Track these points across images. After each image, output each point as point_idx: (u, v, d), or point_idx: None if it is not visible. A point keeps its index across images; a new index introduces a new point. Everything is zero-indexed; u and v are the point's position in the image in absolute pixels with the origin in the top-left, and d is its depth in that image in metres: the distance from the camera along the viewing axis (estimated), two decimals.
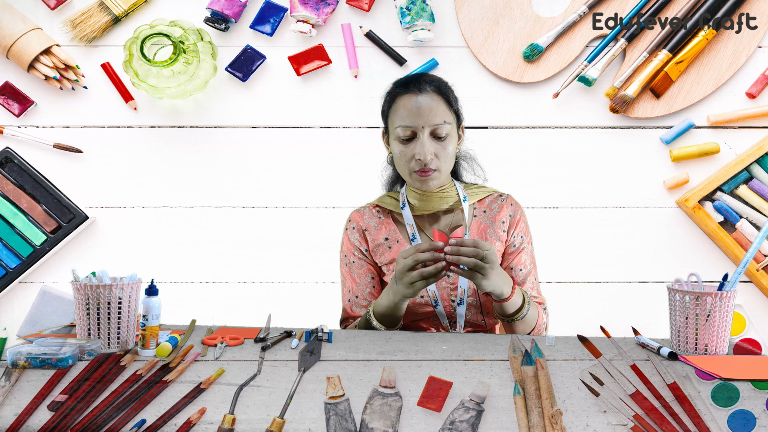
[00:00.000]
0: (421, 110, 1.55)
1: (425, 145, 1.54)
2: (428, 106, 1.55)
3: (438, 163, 1.57)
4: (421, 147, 1.55)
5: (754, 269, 2.17)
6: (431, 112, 1.55)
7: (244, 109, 2.26)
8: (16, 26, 2.15)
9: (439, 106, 1.56)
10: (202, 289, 2.28)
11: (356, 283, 1.69)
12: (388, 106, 1.62)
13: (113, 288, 1.34)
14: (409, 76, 1.64)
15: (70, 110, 2.25)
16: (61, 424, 1.13)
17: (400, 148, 1.58)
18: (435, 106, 1.56)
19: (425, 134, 1.55)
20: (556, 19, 2.22)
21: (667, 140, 2.22)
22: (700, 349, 1.33)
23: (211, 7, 2.20)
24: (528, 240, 1.69)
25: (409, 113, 1.55)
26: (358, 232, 1.70)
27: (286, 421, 1.13)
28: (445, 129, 1.56)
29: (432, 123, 1.55)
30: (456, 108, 1.62)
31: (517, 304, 1.53)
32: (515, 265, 1.67)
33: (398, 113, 1.58)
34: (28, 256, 2.20)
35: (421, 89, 1.57)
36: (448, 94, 1.60)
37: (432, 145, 1.55)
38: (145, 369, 1.24)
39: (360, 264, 1.69)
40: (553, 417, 1.12)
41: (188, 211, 2.28)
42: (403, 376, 1.22)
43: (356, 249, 1.70)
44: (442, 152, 1.57)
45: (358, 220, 1.72)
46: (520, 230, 1.68)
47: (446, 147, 1.57)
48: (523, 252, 1.67)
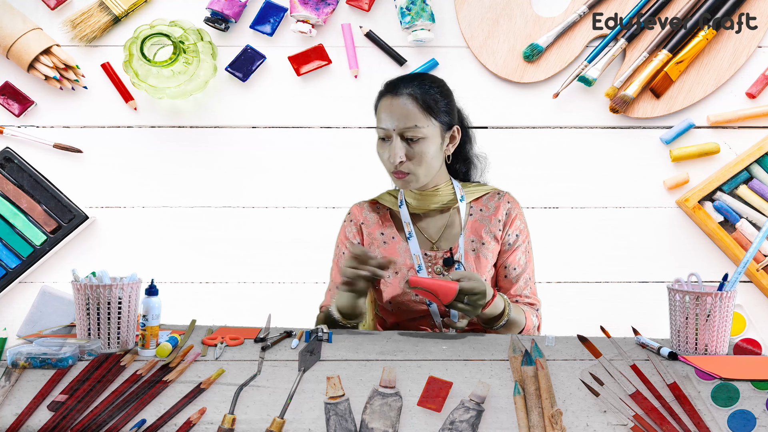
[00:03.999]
0: (392, 113, 1.58)
1: (395, 147, 1.57)
2: (399, 109, 1.57)
3: (411, 167, 1.58)
4: (391, 149, 1.58)
5: (754, 269, 2.17)
6: (402, 115, 1.57)
7: (244, 109, 2.26)
8: (16, 26, 2.15)
9: (412, 111, 1.57)
10: (202, 289, 2.28)
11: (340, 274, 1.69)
12: (375, 106, 1.66)
13: (113, 288, 1.34)
14: (396, 78, 1.66)
15: (70, 110, 2.25)
16: (61, 424, 1.13)
17: (379, 150, 1.62)
18: (408, 110, 1.57)
19: (396, 137, 1.57)
20: (556, 19, 2.22)
21: (667, 140, 2.22)
22: (700, 349, 1.33)
23: (211, 7, 2.20)
24: (524, 239, 1.68)
25: (385, 115, 1.59)
26: (355, 225, 1.72)
27: (286, 421, 1.13)
28: (417, 132, 1.56)
29: (401, 127, 1.57)
30: (440, 111, 1.60)
31: (494, 313, 1.51)
32: (509, 264, 1.66)
33: (379, 114, 1.62)
34: (28, 256, 2.20)
35: (398, 93, 1.59)
36: (426, 98, 1.58)
37: (403, 148, 1.57)
38: (145, 369, 1.24)
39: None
40: (553, 417, 1.12)
41: (188, 211, 2.28)
42: (403, 376, 1.22)
43: (349, 243, 1.72)
44: (416, 156, 1.57)
45: (357, 214, 1.74)
46: (516, 228, 1.67)
47: (421, 150, 1.57)
48: (517, 250, 1.66)
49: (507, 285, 1.66)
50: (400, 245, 1.66)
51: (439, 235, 1.66)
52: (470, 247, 1.64)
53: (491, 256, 1.65)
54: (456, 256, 1.62)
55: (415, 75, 1.68)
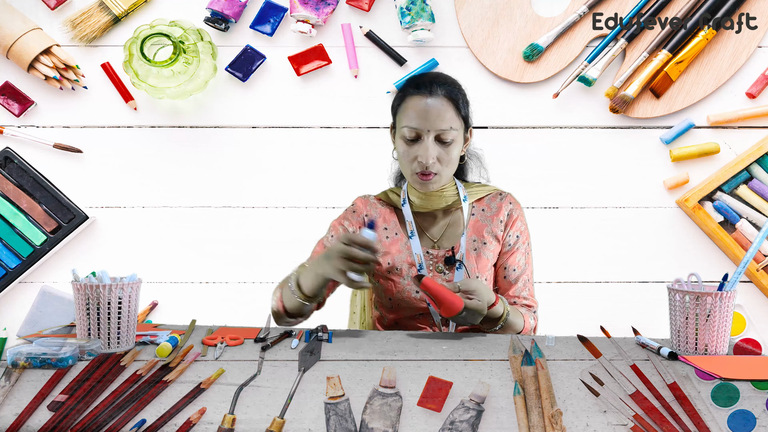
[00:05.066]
0: (428, 114, 1.53)
1: (429, 148, 1.54)
2: (436, 110, 1.54)
3: (439, 168, 1.56)
4: (424, 150, 1.54)
5: (754, 269, 2.17)
6: (438, 117, 1.53)
7: (244, 109, 2.26)
8: (16, 26, 2.15)
9: (448, 112, 1.54)
10: (202, 289, 2.28)
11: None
12: (398, 103, 1.61)
13: (113, 288, 1.33)
14: (424, 76, 1.61)
15: (70, 110, 2.25)
16: (61, 424, 1.13)
17: (404, 148, 1.58)
18: (443, 111, 1.54)
19: (430, 138, 1.54)
20: (556, 19, 2.22)
21: (667, 140, 2.22)
22: (700, 349, 1.33)
23: (211, 7, 2.20)
24: (524, 240, 1.68)
25: (417, 115, 1.54)
26: (358, 216, 1.70)
27: (286, 421, 1.13)
28: (451, 135, 1.55)
29: (438, 128, 1.54)
30: (465, 113, 1.60)
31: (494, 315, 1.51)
32: (508, 265, 1.66)
33: (406, 113, 1.56)
34: (28, 256, 2.20)
35: (432, 92, 1.55)
36: (459, 99, 1.57)
37: (435, 149, 1.55)
38: (145, 369, 1.24)
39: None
40: (553, 417, 1.12)
41: (188, 211, 2.28)
42: (403, 376, 1.22)
43: (343, 230, 1.69)
44: (445, 157, 1.56)
45: (361, 206, 1.72)
46: (516, 229, 1.67)
47: (450, 152, 1.56)
48: (517, 252, 1.67)
49: (506, 286, 1.66)
50: (402, 242, 1.66)
51: (441, 233, 1.67)
52: (471, 246, 1.64)
53: (492, 256, 1.65)
54: (458, 255, 1.62)
55: (439, 74, 1.63)
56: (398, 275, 1.64)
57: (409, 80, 1.62)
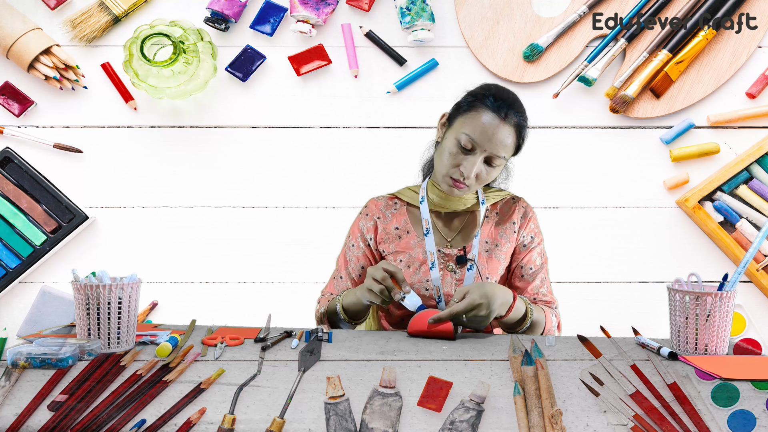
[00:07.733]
0: (494, 136, 1.54)
1: (475, 165, 1.55)
2: (502, 136, 1.54)
3: (474, 182, 1.59)
4: (471, 164, 1.55)
5: (754, 269, 2.17)
6: (501, 143, 1.55)
7: (244, 109, 2.26)
8: (16, 26, 2.15)
9: (511, 143, 1.57)
10: (202, 289, 2.28)
11: (346, 265, 1.74)
12: (468, 107, 1.59)
13: (113, 288, 1.33)
14: (504, 94, 1.59)
15: (70, 110, 2.25)
16: (61, 424, 1.13)
17: (454, 150, 1.57)
18: (506, 139, 1.55)
19: (481, 156, 1.55)
20: (556, 19, 2.22)
21: (667, 140, 2.22)
22: (700, 349, 1.33)
23: (211, 7, 2.20)
24: (539, 240, 1.73)
25: (482, 131, 1.54)
26: (371, 220, 1.73)
27: (286, 421, 1.13)
28: (501, 161, 1.57)
29: (494, 153, 1.55)
30: (520, 144, 1.61)
31: (517, 317, 1.54)
32: (525, 264, 1.70)
33: (474, 123, 1.55)
34: (28, 256, 2.20)
35: (507, 118, 1.55)
36: (523, 132, 1.60)
37: (480, 167, 1.57)
38: (145, 369, 1.24)
39: (358, 250, 1.73)
40: (553, 417, 1.12)
41: (188, 211, 2.28)
42: (403, 376, 1.22)
43: (361, 236, 1.73)
44: (485, 177, 1.59)
45: (373, 209, 1.74)
46: (530, 230, 1.71)
47: (491, 173, 1.59)
48: (533, 251, 1.71)
49: (523, 284, 1.70)
50: (414, 240, 1.68)
51: (455, 233, 1.69)
52: (484, 248, 1.67)
53: (504, 258, 1.68)
54: (469, 255, 1.64)
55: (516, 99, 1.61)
56: (408, 272, 1.65)
57: (488, 89, 1.60)
